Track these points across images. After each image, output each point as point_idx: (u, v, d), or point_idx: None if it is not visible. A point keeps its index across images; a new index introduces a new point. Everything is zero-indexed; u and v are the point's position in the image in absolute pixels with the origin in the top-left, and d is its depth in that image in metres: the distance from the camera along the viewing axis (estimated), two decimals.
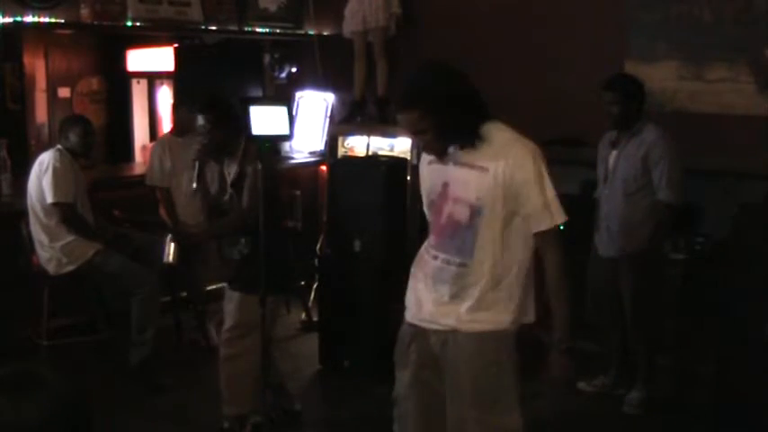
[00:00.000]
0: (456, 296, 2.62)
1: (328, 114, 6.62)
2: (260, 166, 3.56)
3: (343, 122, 6.19)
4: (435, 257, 2.67)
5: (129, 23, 5.80)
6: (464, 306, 2.61)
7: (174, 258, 3.80)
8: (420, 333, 2.73)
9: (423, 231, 5.25)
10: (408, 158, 5.30)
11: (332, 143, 5.97)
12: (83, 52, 6.66)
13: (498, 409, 2.62)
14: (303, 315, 5.60)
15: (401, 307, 2.84)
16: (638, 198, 4.17)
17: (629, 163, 4.14)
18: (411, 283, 2.78)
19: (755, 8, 4.89)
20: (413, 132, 2.63)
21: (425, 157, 2.77)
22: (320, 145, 6.50)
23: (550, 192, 2.53)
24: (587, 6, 5.42)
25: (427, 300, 2.69)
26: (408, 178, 5.08)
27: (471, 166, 2.56)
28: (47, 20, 5.46)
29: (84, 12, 5.60)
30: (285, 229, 4.01)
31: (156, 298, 4.64)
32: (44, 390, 1.38)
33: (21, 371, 1.40)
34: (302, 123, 6.66)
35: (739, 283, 4.31)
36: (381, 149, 5.62)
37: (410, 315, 2.76)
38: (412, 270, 2.79)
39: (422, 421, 2.79)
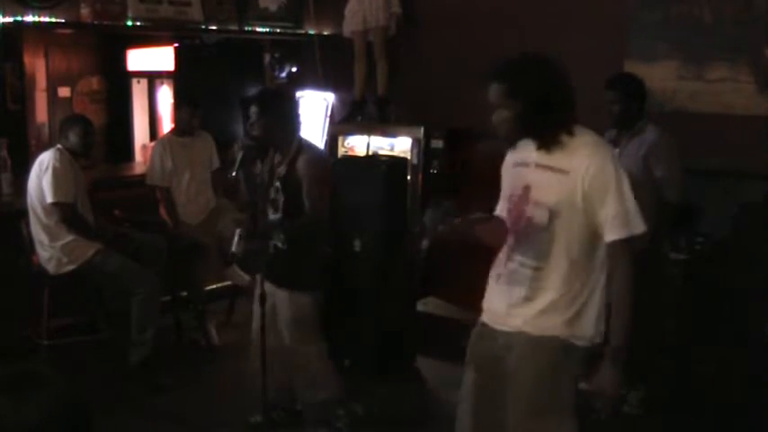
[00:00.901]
0: (528, 299, 2.60)
1: (328, 114, 6.62)
2: (260, 167, 3.57)
3: (343, 122, 6.20)
4: (512, 259, 2.65)
5: (130, 23, 5.80)
6: (534, 309, 2.59)
7: (239, 249, 3.73)
8: (489, 333, 2.73)
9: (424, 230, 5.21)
10: (408, 158, 5.31)
11: (332, 143, 5.97)
12: (83, 52, 6.65)
13: (551, 419, 2.60)
14: None
15: (401, 307, 2.85)
16: (639, 197, 4.16)
17: (630, 162, 4.14)
18: (489, 282, 2.77)
19: (755, 8, 4.89)
20: (494, 105, 2.58)
21: (509, 159, 2.75)
22: (320, 145, 6.50)
23: (630, 200, 2.49)
24: (587, 6, 5.42)
25: (500, 301, 2.68)
26: (408, 178, 5.09)
27: (552, 169, 2.53)
28: (47, 20, 5.46)
29: (85, 11, 5.60)
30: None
31: (156, 298, 4.64)
32: (44, 390, 1.38)
33: (21, 371, 1.40)
34: (302, 123, 6.65)
35: (739, 283, 4.32)
36: (381, 149, 5.62)
37: (484, 314, 2.78)
38: (491, 272, 2.78)
39: (473, 425, 2.79)
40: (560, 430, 2.61)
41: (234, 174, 3.77)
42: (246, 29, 6.57)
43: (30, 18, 5.38)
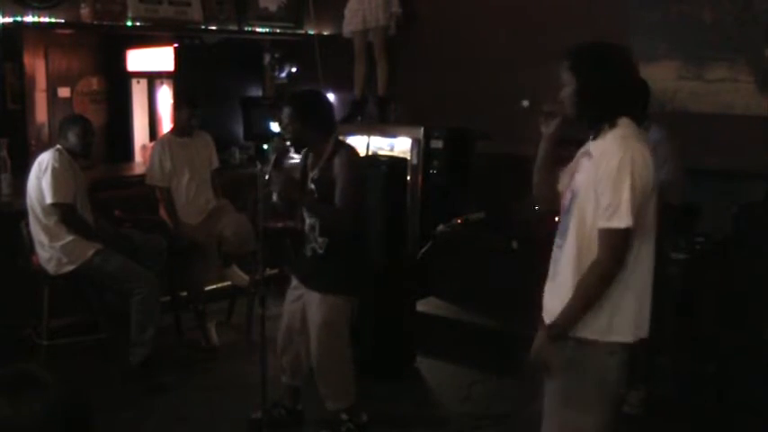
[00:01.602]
0: (552, 279, 2.69)
1: None
2: (260, 167, 3.56)
3: (343, 122, 6.19)
4: (555, 244, 2.72)
5: (130, 23, 5.80)
6: (552, 294, 2.68)
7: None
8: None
9: (424, 231, 5.23)
10: (408, 158, 5.31)
11: None
12: (83, 52, 6.66)
13: (572, 409, 2.64)
14: None
15: (401, 307, 2.85)
16: None
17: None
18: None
19: (755, 8, 4.89)
20: (562, 82, 2.67)
21: (579, 152, 2.77)
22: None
23: (626, 195, 2.48)
24: (587, 6, 5.42)
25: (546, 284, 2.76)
26: (408, 178, 5.08)
27: (588, 155, 2.63)
28: (47, 20, 5.47)
29: (85, 12, 5.60)
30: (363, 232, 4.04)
31: (156, 298, 4.64)
32: (41, 391, 1.38)
33: (17, 372, 1.40)
34: None
35: (739, 283, 4.31)
36: (381, 149, 5.62)
37: None
38: None
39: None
40: (585, 417, 2.62)
41: (267, 176, 3.75)
42: (246, 29, 6.57)
43: (30, 18, 5.38)
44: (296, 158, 4.19)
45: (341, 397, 3.94)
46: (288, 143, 3.83)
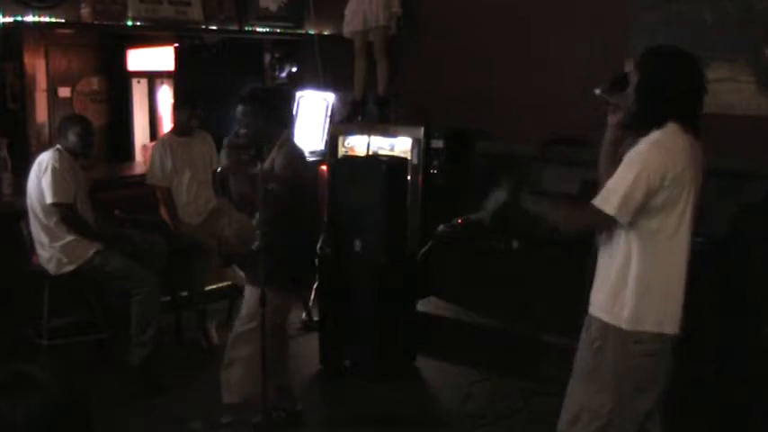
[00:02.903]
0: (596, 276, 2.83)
1: (328, 114, 6.62)
2: (260, 166, 3.56)
3: (343, 122, 6.19)
4: None
5: (130, 23, 5.80)
6: (598, 286, 2.82)
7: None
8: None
9: (424, 231, 5.23)
10: (408, 158, 5.31)
11: (332, 143, 5.96)
12: (83, 52, 6.65)
13: (588, 387, 2.77)
14: (303, 315, 5.60)
15: (401, 307, 2.88)
16: None
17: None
18: None
19: (755, 8, 4.89)
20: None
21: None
22: (320, 145, 6.50)
23: (620, 183, 2.60)
24: (588, 6, 5.42)
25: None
26: (408, 178, 5.08)
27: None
28: (47, 20, 5.46)
29: (85, 11, 5.60)
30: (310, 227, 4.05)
31: (156, 298, 4.64)
32: (39, 391, 1.38)
33: (15, 372, 1.40)
34: (302, 123, 6.66)
35: (739, 283, 4.31)
36: (381, 149, 5.61)
37: None
38: None
39: None
40: (598, 396, 2.74)
41: (218, 170, 3.80)
42: (246, 29, 6.56)
43: (30, 18, 5.37)
44: None
45: (235, 392, 3.96)
46: (240, 140, 3.84)
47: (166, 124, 6.44)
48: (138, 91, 6.79)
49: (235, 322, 4.01)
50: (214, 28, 6.34)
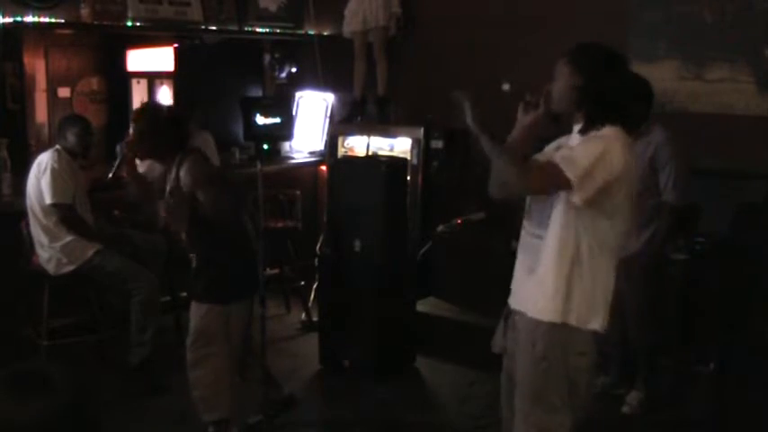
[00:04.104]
0: (531, 271, 2.63)
1: (328, 114, 6.62)
2: (260, 167, 3.57)
3: (343, 122, 6.20)
4: (527, 231, 2.69)
5: (130, 23, 5.80)
6: (532, 284, 2.63)
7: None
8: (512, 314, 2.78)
9: (424, 231, 5.22)
10: (408, 159, 5.31)
11: (332, 143, 5.97)
12: (83, 52, 6.64)
13: (542, 408, 2.62)
14: (303, 315, 5.60)
15: (401, 307, 2.85)
16: (643, 198, 4.15)
17: (636, 163, 4.12)
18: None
19: (755, 8, 4.89)
20: (557, 76, 2.65)
21: (553, 144, 2.77)
22: (320, 145, 6.50)
23: (588, 161, 2.48)
24: (588, 6, 5.42)
25: (516, 276, 2.73)
26: (408, 178, 5.08)
27: (567, 147, 2.64)
28: (47, 20, 5.46)
29: (85, 12, 5.60)
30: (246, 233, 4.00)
31: (156, 298, 4.64)
32: (50, 390, 1.37)
33: (27, 370, 1.40)
34: (302, 123, 6.66)
35: (739, 283, 4.31)
36: (381, 149, 5.62)
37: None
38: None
39: (505, 412, 2.86)
40: (553, 417, 2.63)
41: (110, 176, 3.83)
42: (246, 29, 6.56)
43: (30, 18, 5.37)
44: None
45: (210, 408, 3.76)
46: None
47: None
48: (138, 91, 6.78)
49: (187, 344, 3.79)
50: (214, 28, 6.34)
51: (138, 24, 5.84)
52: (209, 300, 3.68)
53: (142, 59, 6.69)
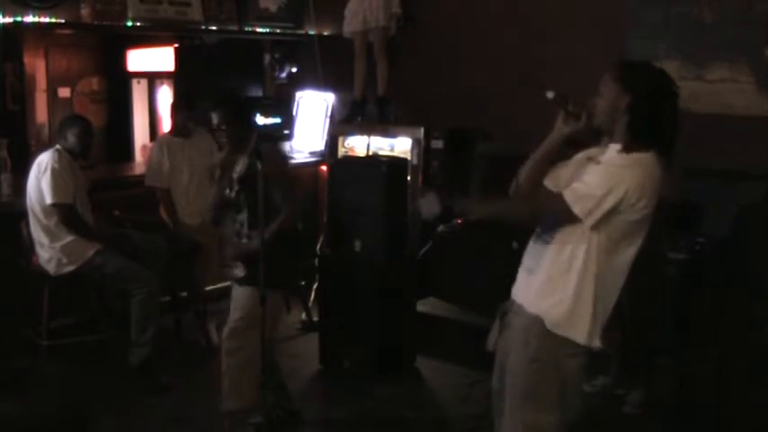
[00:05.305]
0: (531, 271, 2.67)
1: (328, 114, 6.62)
2: (259, 166, 3.56)
3: (343, 122, 6.20)
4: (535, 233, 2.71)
5: (130, 23, 5.80)
6: (535, 283, 2.65)
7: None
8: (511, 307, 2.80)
9: (424, 231, 5.21)
10: (408, 159, 5.31)
11: (332, 143, 5.97)
12: (83, 52, 6.67)
13: (532, 406, 2.64)
14: (303, 315, 5.60)
15: (401, 307, 2.85)
16: None
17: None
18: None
19: (755, 8, 4.89)
20: (603, 92, 2.58)
21: (583, 154, 2.72)
22: (320, 145, 6.50)
23: (587, 182, 2.49)
24: (587, 6, 5.42)
25: (520, 274, 2.76)
26: (408, 178, 5.08)
27: (596, 160, 2.61)
28: (47, 20, 5.46)
29: (85, 12, 5.60)
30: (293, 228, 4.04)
31: (156, 298, 4.64)
32: (42, 389, 1.38)
33: (20, 370, 1.41)
34: (302, 123, 6.66)
35: (739, 283, 4.32)
36: (381, 149, 5.62)
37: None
38: None
39: (496, 409, 2.84)
40: (544, 416, 2.63)
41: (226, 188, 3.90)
42: (246, 29, 6.56)
43: (30, 18, 5.37)
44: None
45: (238, 395, 3.85)
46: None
47: (166, 125, 6.45)
48: (138, 91, 6.80)
49: (228, 325, 3.90)
50: (214, 28, 6.34)
51: (138, 24, 5.84)
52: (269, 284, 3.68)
53: (142, 59, 6.71)
